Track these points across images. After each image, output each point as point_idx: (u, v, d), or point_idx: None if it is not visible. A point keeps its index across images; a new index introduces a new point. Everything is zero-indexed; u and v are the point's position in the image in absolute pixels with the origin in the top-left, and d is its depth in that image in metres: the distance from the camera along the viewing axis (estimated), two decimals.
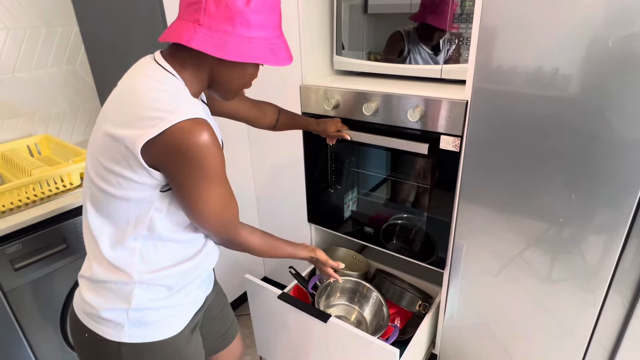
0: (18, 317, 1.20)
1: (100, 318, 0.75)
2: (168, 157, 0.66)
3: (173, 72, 0.72)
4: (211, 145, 0.68)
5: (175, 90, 0.70)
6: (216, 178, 0.71)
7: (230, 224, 0.80)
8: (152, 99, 0.66)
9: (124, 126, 0.66)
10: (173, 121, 0.64)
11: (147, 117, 0.65)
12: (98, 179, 0.71)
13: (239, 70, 0.75)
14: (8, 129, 1.55)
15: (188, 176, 0.68)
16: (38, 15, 1.53)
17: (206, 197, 0.71)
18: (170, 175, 0.69)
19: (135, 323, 0.76)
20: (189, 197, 0.71)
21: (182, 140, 0.65)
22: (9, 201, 1.18)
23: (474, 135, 1.11)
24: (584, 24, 0.87)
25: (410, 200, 1.44)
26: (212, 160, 0.69)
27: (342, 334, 1.24)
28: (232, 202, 0.78)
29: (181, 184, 0.69)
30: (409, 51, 1.32)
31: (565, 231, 1.06)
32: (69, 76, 1.67)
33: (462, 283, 1.32)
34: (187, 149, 0.65)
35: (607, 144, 0.93)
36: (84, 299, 0.77)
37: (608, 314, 1.08)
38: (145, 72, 0.71)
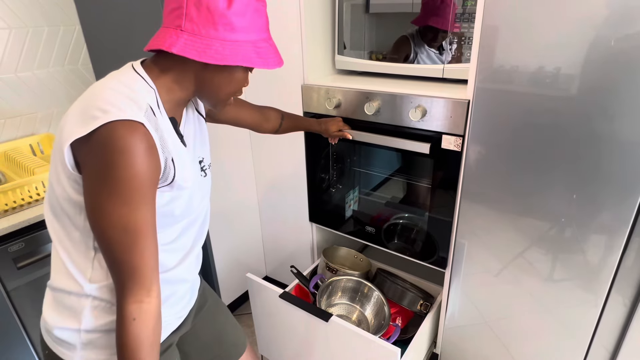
0: (21, 315, 1.20)
1: (55, 337, 0.71)
2: (89, 157, 0.60)
3: (145, 78, 0.69)
4: (140, 153, 0.59)
5: (132, 92, 0.65)
6: (138, 196, 0.60)
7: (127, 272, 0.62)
8: (100, 99, 0.62)
9: (71, 117, 0.63)
10: (105, 120, 0.59)
11: (87, 115, 0.60)
12: (54, 180, 0.67)
13: (225, 75, 0.72)
14: (11, 128, 1.55)
15: (96, 183, 0.60)
16: (40, 14, 1.53)
17: (112, 213, 0.59)
18: (85, 177, 0.61)
19: (87, 346, 0.69)
20: (95, 209, 0.60)
21: (106, 140, 0.58)
22: (12, 200, 1.19)
23: (476, 134, 1.11)
24: (586, 23, 0.87)
25: (412, 199, 1.44)
26: (133, 171, 0.59)
27: (343, 333, 1.24)
28: (143, 242, 0.62)
29: (91, 190, 0.61)
30: (415, 54, 1.32)
31: (566, 231, 1.06)
32: (71, 75, 1.67)
33: (464, 283, 1.32)
34: (108, 151, 0.58)
35: (609, 143, 0.93)
36: (43, 316, 0.73)
37: (610, 313, 1.08)
38: (116, 75, 0.69)
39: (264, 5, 0.71)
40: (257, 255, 1.96)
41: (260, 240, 1.92)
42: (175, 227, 0.76)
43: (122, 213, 0.60)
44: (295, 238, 1.77)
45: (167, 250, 0.76)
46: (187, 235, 0.80)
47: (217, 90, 0.74)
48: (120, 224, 0.60)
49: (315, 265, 1.67)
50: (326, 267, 1.54)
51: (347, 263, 1.71)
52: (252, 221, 1.85)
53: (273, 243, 1.89)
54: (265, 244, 1.92)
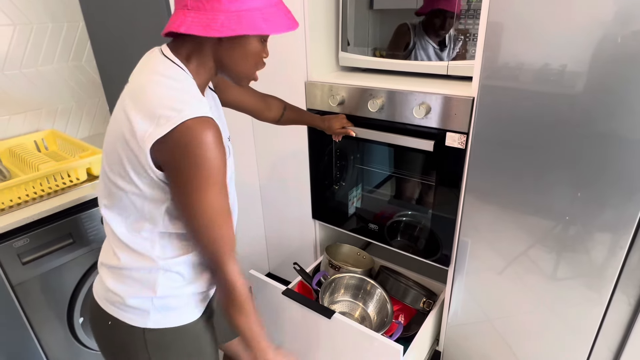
0: (26, 310, 1.21)
1: (125, 306, 0.77)
2: (172, 155, 0.66)
3: (181, 66, 0.72)
4: (214, 147, 0.66)
5: (184, 86, 0.70)
6: (216, 181, 0.68)
7: (223, 244, 0.72)
8: (162, 97, 0.67)
9: (138, 119, 0.67)
10: (180, 120, 0.64)
11: (156, 115, 0.66)
12: (111, 172, 0.73)
13: (240, 48, 0.72)
14: (15, 124, 1.56)
15: (188, 175, 0.66)
16: (44, 11, 1.53)
17: (203, 200, 0.68)
18: (172, 174, 0.68)
19: (159, 309, 0.78)
20: (185, 201, 0.69)
21: (187, 138, 0.65)
22: (17, 196, 1.19)
23: (480, 132, 1.10)
24: (592, 19, 0.86)
25: (415, 197, 1.43)
26: (215, 164, 0.67)
27: (346, 330, 1.24)
28: (228, 220, 0.72)
29: (178, 185, 0.68)
30: (414, 44, 1.31)
31: (571, 229, 1.05)
32: (75, 72, 1.67)
33: (467, 280, 1.32)
34: (191, 147, 0.65)
35: (615, 141, 0.92)
36: (107, 288, 0.78)
37: (614, 313, 1.07)
38: (156, 68, 0.72)
39: None
40: (260, 252, 1.96)
41: (264, 237, 1.92)
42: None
43: (216, 199, 0.69)
44: (298, 235, 1.77)
45: None
46: (234, 205, 0.90)
47: (236, 65, 0.75)
48: (215, 207, 0.69)
49: (318, 262, 1.67)
50: (329, 264, 1.54)
51: (350, 260, 1.71)
52: (255, 218, 1.85)
53: (276, 240, 1.89)
54: (268, 241, 1.93)
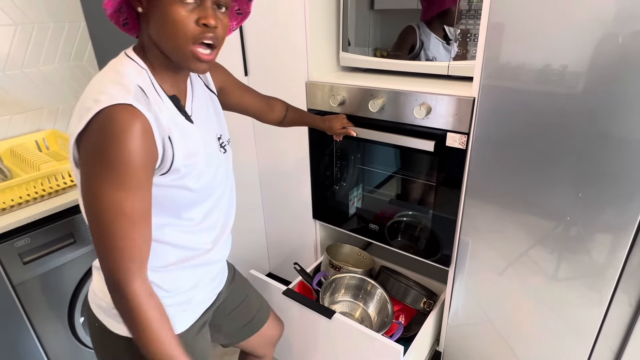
0: (27, 310, 1.22)
1: (108, 311, 0.74)
2: (84, 147, 0.59)
3: (135, 59, 0.67)
4: (132, 137, 0.57)
5: (122, 77, 0.63)
6: (126, 181, 0.57)
7: (123, 257, 0.60)
8: (91, 90, 0.62)
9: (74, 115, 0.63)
10: (96, 109, 0.57)
11: (82, 108, 0.60)
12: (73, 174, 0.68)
13: (160, 18, 0.62)
14: (16, 124, 1.56)
15: (91, 169, 0.58)
16: (46, 11, 1.54)
17: (103, 199, 0.57)
18: (81, 167, 0.60)
19: None
20: (85, 198, 0.59)
21: (98, 127, 0.57)
22: (18, 195, 1.20)
23: (481, 132, 1.10)
24: (593, 20, 0.86)
25: (416, 197, 1.43)
26: (126, 155, 0.57)
27: (346, 331, 1.24)
28: (139, 226, 0.61)
29: (84, 179, 0.59)
30: (421, 44, 1.31)
31: (572, 229, 1.05)
32: (76, 72, 1.68)
33: (467, 281, 1.32)
34: (101, 136, 0.57)
35: (616, 142, 0.92)
36: (94, 291, 0.77)
37: (615, 313, 1.07)
38: (111, 64, 0.68)
39: None
40: (261, 252, 1.96)
41: (264, 237, 1.92)
42: (203, 206, 0.75)
43: (118, 197, 0.57)
44: (299, 235, 1.77)
45: (199, 231, 0.76)
46: (216, 213, 0.80)
47: (165, 40, 0.64)
48: (115, 208, 0.58)
49: (319, 262, 1.67)
50: (329, 265, 1.54)
51: (351, 260, 1.71)
52: (256, 218, 1.85)
53: (276, 240, 1.89)
54: (269, 241, 1.93)
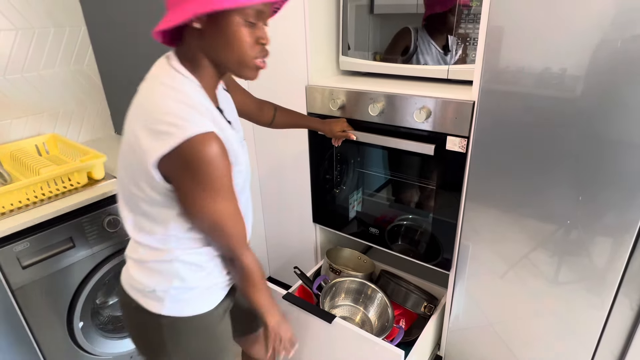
0: (26, 314, 1.21)
1: (145, 292, 0.83)
2: (177, 170, 0.70)
3: (187, 75, 0.74)
4: (218, 160, 0.69)
5: (188, 98, 0.71)
6: (222, 193, 0.72)
7: (235, 239, 0.79)
8: (163, 112, 0.68)
9: (142, 133, 0.70)
10: (183, 137, 0.66)
11: (158, 131, 0.68)
12: (128, 182, 0.77)
13: (220, 36, 0.69)
14: (17, 128, 1.57)
15: (193, 191, 0.70)
16: (46, 15, 1.54)
17: (210, 210, 0.73)
18: (178, 186, 0.72)
19: (174, 299, 0.82)
20: (194, 210, 0.74)
21: (190, 155, 0.67)
22: (17, 200, 1.19)
23: (481, 136, 1.10)
24: (592, 24, 0.86)
25: (416, 201, 1.43)
26: (219, 176, 0.70)
27: (346, 335, 1.23)
28: (237, 218, 0.78)
29: (187, 196, 0.72)
30: (415, 48, 1.31)
31: (572, 233, 1.05)
32: (77, 76, 1.68)
33: (468, 284, 1.31)
34: (196, 165, 0.68)
35: (616, 145, 0.92)
36: (131, 276, 0.85)
37: (616, 317, 1.06)
38: (161, 79, 0.73)
39: None
40: (261, 255, 1.96)
41: (264, 240, 1.92)
42: (241, 201, 0.83)
43: (226, 207, 0.74)
44: (299, 239, 1.76)
45: None
46: (248, 206, 0.91)
47: (226, 56, 0.72)
48: (223, 212, 0.74)
49: (319, 266, 1.66)
50: (330, 269, 1.54)
51: (351, 264, 1.70)
52: (256, 222, 1.85)
53: (276, 244, 1.89)
54: (269, 245, 1.92)
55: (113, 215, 1.32)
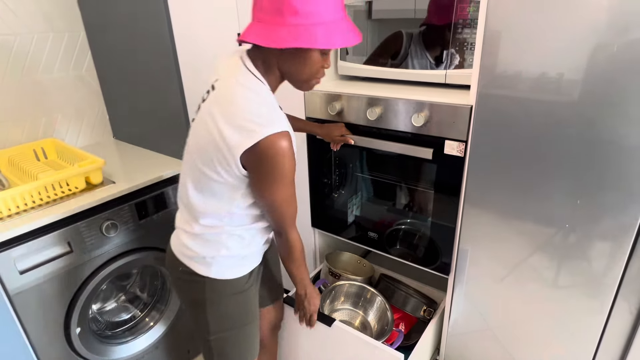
0: (22, 320, 1.20)
1: (195, 259, 0.98)
2: (256, 161, 0.83)
3: (260, 78, 0.85)
4: (289, 155, 0.83)
5: (266, 101, 0.84)
6: (287, 181, 0.87)
7: (288, 219, 0.97)
8: (246, 111, 0.81)
9: (228, 130, 0.82)
10: (265, 134, 0.79)
11: (244, 128, 0.80)
12: (203, 165, 0.89)
13: (299, 59, 0.82)
14: (15, 133, 1.56)
15: (266, 177, 0.85)
16: (45, 21, 1.55)
17: (276, 194, 0.88)
18: (255, 174, 0.86)
19: (219, 265, 0.98)
20: (264, 193, 0.89)
21: (269, 150, 0.80)
22: (15, 205, 1.19)
23: (479, 140, 1.11)
24: (589, 29, 0.87)
25: (415, 205, 1.43)
26: (288, 168, 0.85)
27: (346, 338, 1.23)
28: (293, 202, 0.95)
29: (260, 181, 0.87)
30: (406, 53, 1.31)
31: (571, 237, 1.05)
32: (75, 81, 1.68)
33: (467, 289, 1.31)
34: (272, 157, 0.81)
35: (613, 149, 0.92)
36: (183, 244, 0.99)
37: (616, 321, 1.06)
38: (239, 79, 0.84)
39: None
40: None
41: None
42: None
43: (288, 193, 0.90)
44: None
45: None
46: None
47: (296, 74, 0.86)
48: (286, 197, 0.90)
49: (318, 270, 1.66)
50: (329, 272, 1.54)
51: (350, 268, 1.70)
52: None
53: None
54: None
55: (111, 220, 1.32)
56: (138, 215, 1.40)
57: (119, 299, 1.63)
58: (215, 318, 1.02)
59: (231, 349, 1.07)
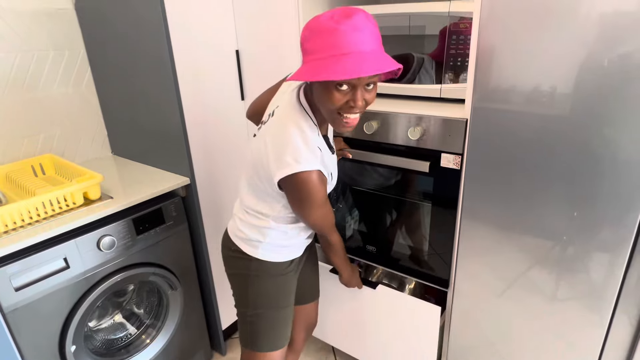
0: (16, 338, 1.18)
1: (246, 240, 1.13)
2: (290, 189, 0.98)
3: (312, 117, 0.98)
4: (319, 188, 0.97)
5: (308, 141, 0.95)
6: (318, 205, 1.01)
7: (326, 228, 1.12)
8: (291, 148, 0.93)
9: (272, 157, 0.96)
10: (297, 170, 0.92)
11: (283, 160, 0.93)
12: (254, 173, 1.05)
13: (319, 92, 0.91)
14: (13, 149, 1.57)
15: (300, 202, 1.01)
16: (47, 39, 1.57)
17: (310, 215, 1.04)
18: (289, 197, 1.01)
19: (264, 248, 1.12)
20: (300, 213, 1.05)
21: (300, 184, 0.95)
22: (12, 221, 1.19)
23: (475, 153, 1.12)
24: (579, 43, 0.89)
25: (413, 218, 1.43)
26: (318, 197, 0.99)
27: (389, 297, 1.42)
28: (328, 215, 1.08)
29: (295, 205, 1.02)
30: (414, 76, 1.34)
31: (569, 249, 1.05)
32: (75, 98, 1.70)
33: (466, 302, 1.30)
34: (302, 189, 0.96)
35: (607, 161, 0.93)
36: (238, 228, 1.14)
37: (616, 334, 1.06)
38: (297, 119, 0.96)
39: (339, 23, 0.82)
40: None
41: None
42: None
43: (321, 212, 1.04)
44: None
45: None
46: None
47: (321, 107, 0.95)
48: (321, 216, 1.06)
49: None
50: None
51: None
52: None
53: None
54: None
55: (109, 235, 1.31)
56: (136, 231, 1.40)
57: (114, 315, 1.61)
58: (256, 294, 1.15)
59: (264, 328, 1.18)
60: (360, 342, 1.60)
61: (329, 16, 0.84)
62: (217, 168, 1.61)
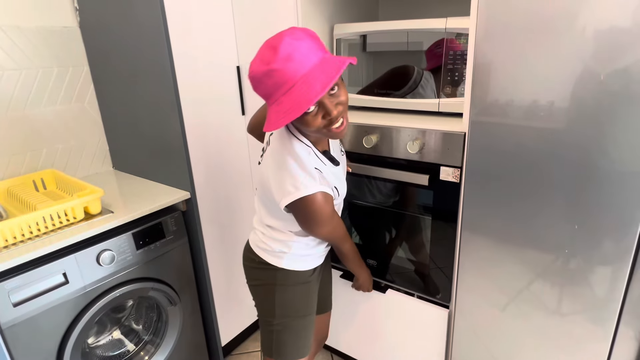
0: (13, 354, 1.17)
1: (269, 251, 1.15)
2: (295, 212, 1.02)
3: (303, 140, 1.00)
4: (323, 207, 1.00)
5: (305, 165, 0.97)
6: (325, 223, 1.05)
7: (338, 239, 1.16)
8: (291, 177, 0.97)
9: (274, 186, 1.01)
10: (300, 195, 0.96)
11: (286, 189, 0.98)
12: (265, 198, 1.08)
13: (297, 124, 0.95)
14: (16, 164, 1.58)
15: (307, 222, 1.04)
16: (50, 56, 1.60)
17: (320, 232, 1.08)
18: (297, 219, 1.05)
19: (290, 259, 1.15)
20: (310, 232, 1.08)
21: (304, 208, 0.99)
22: (12, 235, 1.19)
23: (473, 166, 1.12)
24: (576, 59, 0.91)
25: (413, 232, 1.43)
26: (324, 216, 1.02)
27: (398, 301, 1.44)
28: (338, 228, 1.12)
29: (303, 224, 1.06)
30: (414, 87, 1.35)
31: (571, 262, 1.05)
32: (77, 113, 1.72)
33: (469, 318, 1.29)
34: (307, 212, 1.01)
35: (605, 174, 0.94)
36: (261, 240, 1.16)
37: (620, 347, 1.04)
38: (287, 146, 0.99)
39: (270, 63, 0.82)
40: None
41: None
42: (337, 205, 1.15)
43: (329, 227, 1.08)
44: None
45: None
46: (340, 206, 1.20)
47: (306, 132, 0.97)
48: (330, 231, 1.10)
49: None
50: None
51: None
52: None
53: None
54: None
55: (108, 250, 1.31)
56: (135, 245, 1.39)
57: (113, 332, 1.59)
58: (282, 303, 1.17)
59: (289, 337, 1.19)
60: (368, 346, 1.63)
61: (259, 60, 0.84)
62: (217, 182, 1.61)
